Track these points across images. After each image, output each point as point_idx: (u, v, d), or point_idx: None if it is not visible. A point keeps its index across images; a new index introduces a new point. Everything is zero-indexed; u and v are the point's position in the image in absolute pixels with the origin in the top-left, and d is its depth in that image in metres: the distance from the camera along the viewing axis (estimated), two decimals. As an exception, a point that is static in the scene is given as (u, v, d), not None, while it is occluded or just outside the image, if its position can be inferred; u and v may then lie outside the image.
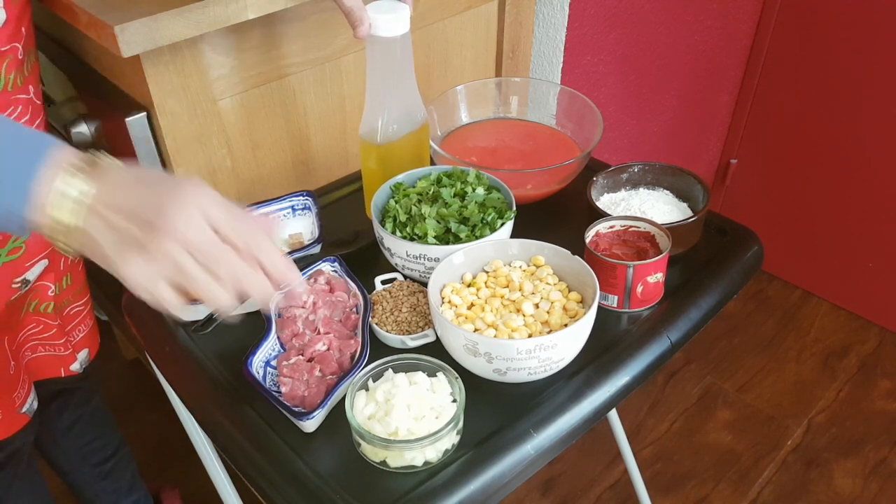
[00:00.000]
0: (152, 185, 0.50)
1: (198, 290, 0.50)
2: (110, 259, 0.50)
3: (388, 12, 0.77)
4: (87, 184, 0.49)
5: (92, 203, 0.49)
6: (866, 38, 1.64)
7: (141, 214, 0.48)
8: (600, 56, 1.46)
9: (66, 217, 0.48)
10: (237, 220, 0.51)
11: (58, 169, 0.48)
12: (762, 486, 1.55)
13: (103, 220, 0.49)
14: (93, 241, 0.50)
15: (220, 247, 0.49)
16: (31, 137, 0.49)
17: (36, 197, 0.47)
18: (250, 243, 0.51)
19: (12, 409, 0.90)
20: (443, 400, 0.66)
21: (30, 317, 0.93)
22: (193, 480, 1.49)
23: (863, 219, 1.83)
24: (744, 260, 0.87)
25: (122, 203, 0.49)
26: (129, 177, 0.50)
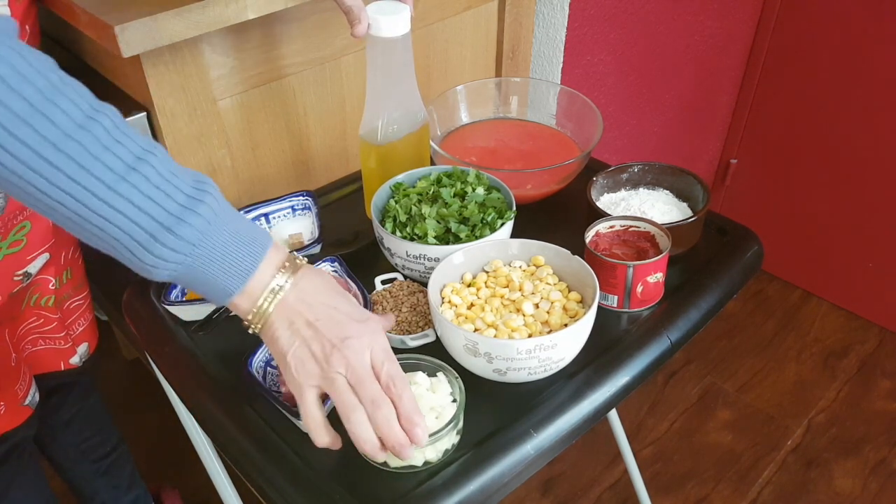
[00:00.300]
0: (342, 307, 0.59)
1: (341, 406, 0.57)
2: (282, 353, 0.58)
3: (388, 13, 0.77)
4: (288, 282, 0.57)
5: (285, 299, 0.57)
6: (866, 38, 1.64)
7: (327, 333, 0.57)
8: (600, 56, 1.46)
9: (265, 306, 0.57)
10: (392, 366, 0.59)
11: (273, 267, 0.57)
12: (762, 486, 1.55)
13: (290, 321, 0.57)
14: (274, 332, 0.58)
15: (371, 378, 0.57)
16: (259, 234, 0.57)
17: (250, 286, 0.56)
18: (394, 387, 0.58)
19: (15, 401, 0.91)
20: (443, 400, 0.66)
21: (30, 310, 0.93)
22: (193, 480, 1.50)
23: (863, 219, 1.83)
24: (744, 260, 0.87)
25: (312, 313, 0.57)
26: (322, 285, 0.59)
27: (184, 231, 0.51)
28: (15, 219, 0.81)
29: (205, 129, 0.92)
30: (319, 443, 0.59)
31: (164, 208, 0.51)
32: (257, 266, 0.55)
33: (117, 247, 0.51)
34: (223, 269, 0.54)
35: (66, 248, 0.93)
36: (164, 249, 0.51)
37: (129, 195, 0.49)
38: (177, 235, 0.51)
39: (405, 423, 0.58)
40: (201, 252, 0.52)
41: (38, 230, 0.85)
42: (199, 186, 0.53)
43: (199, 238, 0.52)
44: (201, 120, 0.91)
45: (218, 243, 0.53)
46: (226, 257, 0.54)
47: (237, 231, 0.55)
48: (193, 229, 0.51)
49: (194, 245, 0.52)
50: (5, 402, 0.89)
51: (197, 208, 0.52)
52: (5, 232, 0.81)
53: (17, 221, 0.82)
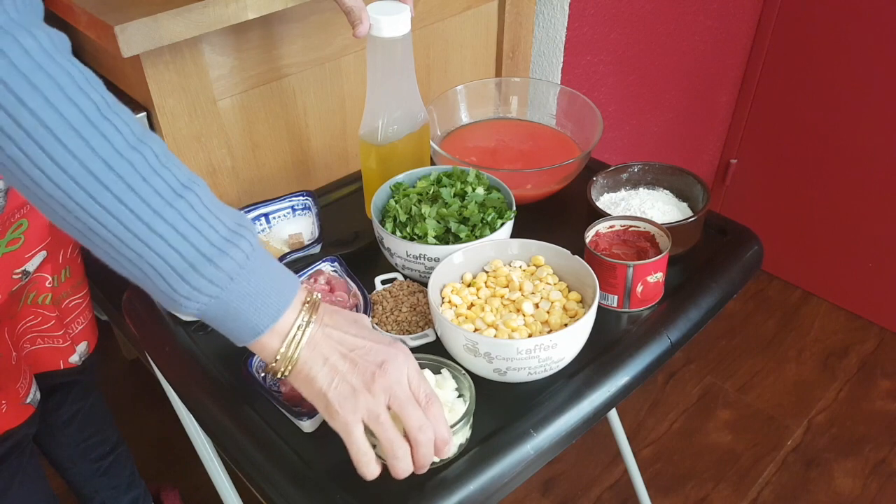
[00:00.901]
0: (368, 335, 0.59)
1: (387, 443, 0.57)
2: (322, 393, 0.57)
3: (389, 13, 0.77)
4: (312, 319, 0.57)
5: (313, 337, 0.56)
6: (866, 38, 1.64)
7: (364, 363, 0.57)
8: (600, 56, 1.46)
9: (293, 345, 0.56)
10: (428, 386, 0.59)
11: (298, 307, 0.56)
12: (762, 486, 1.55)
13: (323, 357, 0.57)
14: (308, 373, 0.57)
15: (413, 403, 0.58)
16: (290, 276, 0.57)
17: (279, 325, 0.55)
18: (431, 408, 0.58)
19: (17, 400, 0.91)
20: (449, 395, 0.66)
21: (28, 309, 0.93)
22: (193, 480, 1.49)
23: (863, 219, 1.83)
24: (744, 260, 0.87)
25: (345, 348, 0.57)
26: (342, 317, 0.59)
27: (224, 263, 0.51)
28: (13, 216, 0.81)
29: (205, 129, 0.92)
30: (370, 476, 0.59)
31: (208, 239, 0.50)
32: (288, 306, 0.55)
33: (152, 276, 0.50)
34: (255, 306, 0.54)
35: (64, 246, 0.93)
36: (201, 281, 0.51)
37: (173, 222, 0.49)
38: (217, 267, 0.51)
39: (440, 443, 0.59)
40: (236, 287, 0.52)
41: (36, 228, 0.85)
42: (240, 222, 0.53)
43: (238, 272, 0.52)
44: (201, 120, 0.91)
45: (253, 280, 0.53)
46: (259, 295, 0.54)
47: (271, 270, 0.55)
48: (234, 263, 0.51)
49: (231, 279, 0.52)
50: (7, 401, 0.89)
51: (238, 242, 0.52)
52: (3, 230, 0.81)
53: (15, 219, 0.82)
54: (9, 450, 0.95)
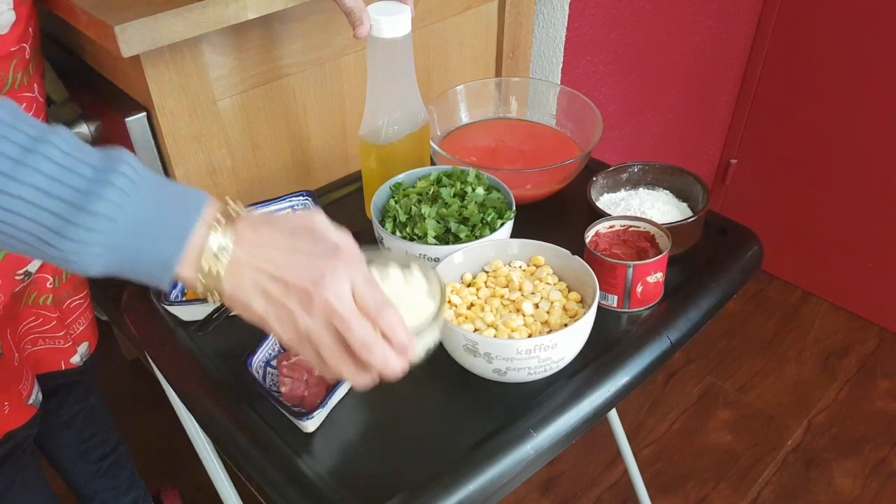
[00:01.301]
0: (303, 246, 0.52)
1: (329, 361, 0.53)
2: (262, 319, 0.53)
3: (389, 14, 0.77)
4: (228, 239, 0.50)
5: (235, 260, 0.51)
6: (866, 38, 1.64)
7: (298, 282, 0.51)
8: (600, 56, 1.46)
9: (213, 273, 0.50)
10: (377, 293, 0.54)
11: (209, 223, 0.50)
12: (762, 486, 1.55)
13: (253, 281, 0.51)
14: (241, 300, 0.52)
15: (358, 318, 0.52)
16: (191, 194, 0.51)
17: (189, 252, 0.50)
18: (384, 317, 0.53)
19: (20, 401, 0.91)
20: (418, 295, 0.63)
21: (29, 309, 0.93)
22: (193, 480, 1.49)
23: (863, 219, 1.83)
24: (744, 260, 0.87)
25: (273, 266, 0.51)
26: (272, 230, 0.53)
27: (97, 206, 0.46)
28: None
29: (205, 129, 0.92)
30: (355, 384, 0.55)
31: (72, 186, 0.46)
32: (192, 227, 0.49)
33: (35, 243, 0.47)
34: (153, 240, 0.48)
35: None
36: (79, 231, 0.46)
37: (30, 180, 0.45)
38: (89, 212, 0.46)
39: (400, 352, 0.54)
40: (122, 226, 0.47)
41: None
42: (111, 156, 0.48)
43: (117, 211, 0.47)
44: (201, 120, 0.91)
45: (141, 213, 0.48)
46: (153, 227, 0.48)
47: (162, 196, 0.49)
48: (108, 202, 0.46)
49: (113, 220, 0.47)
50: (9, 402, 0.89)
51: (110, 178, 0.46)
52: None
53: None
54: (10, 451, 0.95)
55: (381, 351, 0.53)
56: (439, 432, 0.68)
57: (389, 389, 0.70)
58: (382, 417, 0.70)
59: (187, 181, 0.93)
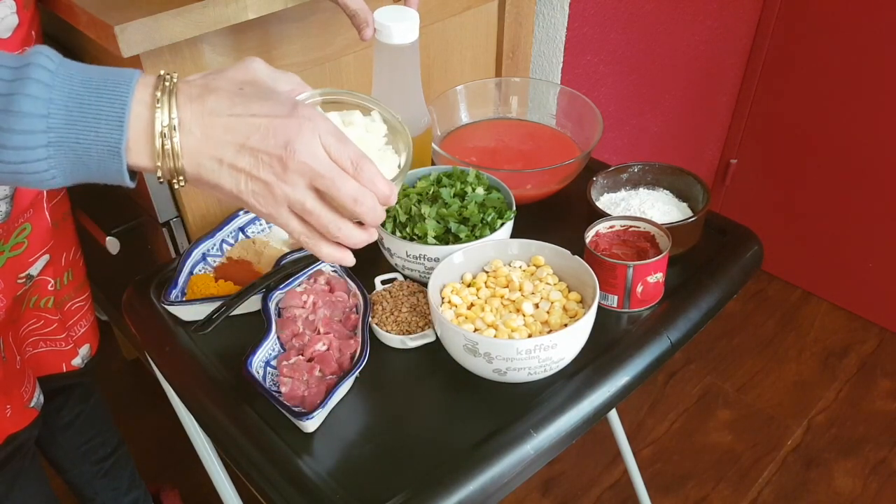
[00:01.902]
0: (259, 109, 0.49)
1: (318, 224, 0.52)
2: (235, 195, 0.50)
3: (398, 20, 0.77)
4: (173, 113, 0.47)
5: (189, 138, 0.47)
6: (866, 38, 1.64)
7: (266, 148, 0.48)
8: (600, 56, 1.46)
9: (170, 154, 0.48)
10: (349, 147, 0.52)
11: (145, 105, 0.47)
12: (762, 486, 1.55)
13: (215, 158, 0.48)
14: (208, 179, 0.49)
15: (339, 174, 0.50)
16: (115, 72, 0.47)
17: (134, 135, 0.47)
18: (362, 170, 0.52)
19: (21, 404, 0.91)
20: (379, 141, 0.61)
21: (30, 312, 0.93)
22: (193, 480, 1.49)
23: (863, 219, 1.83)
24: (744, 260, 0.87)
25: (235, 136, 0.48)
26: (218, 97, 0.49)
27: (22, 104, 0.44)
28: (17, 221, 0.81)
29: (205, 129, 0.92)
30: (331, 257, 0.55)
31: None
32: (126, 106, 0.46)
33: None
34: (91, 128, 0.45)
35: (66, 249, 0.93)
36: (14, 136, 0.44)
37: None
38: (16, 112, 0.44)
39: (383, 202, 0.54)
40: (57, 121, 0.45)
41: (39, 232, 0.85)
42: (26, 55, 0.45)
43: (44, 105, 0.44)
44: (201, 120, 0.91)
45: (70, 102, 0.45)
46: (86, 113, 0.45)
47: (89, 80, 0.46)
48: (32, 98, 0.44)
49: (44, 116, 0.44)
50: (11, 405, 0.89)
51: (29, 74, 0.44)
52: (7, 235, 0.81)
53: (19, 224, 0.82)
54: (11, 453, 0.95)
55: (370, 202, 0.52)
56: (439, 432, 0.68)
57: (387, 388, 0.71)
58: (382, 417, 0.70)
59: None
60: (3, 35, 0.72)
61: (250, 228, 0.91)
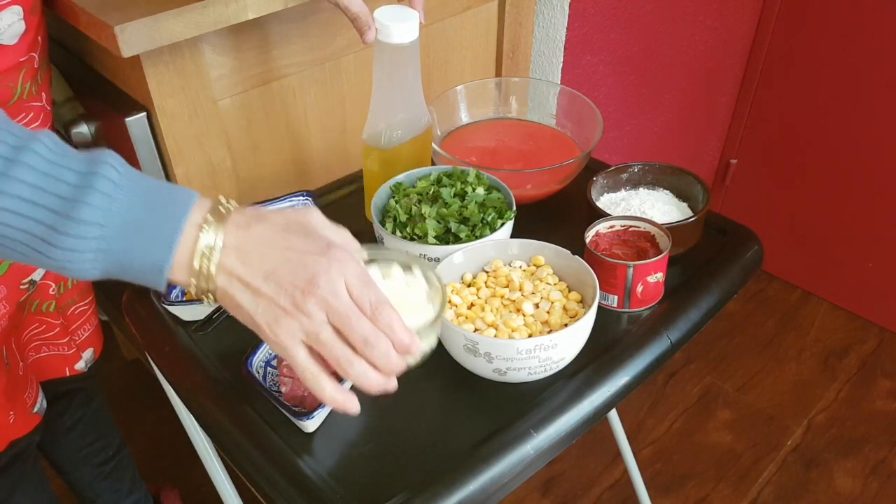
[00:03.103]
0: (296, 244, 0.51)
1: (336, 361, 0.52)
2: (251, 319, 0.52)
3: (398, 20, 0.77)
4: (218, 237, 0.50)
5: (225, 261, 0.50)
6: (866, 38, 1.64)
7: (290, 280, 0.50)
8: (600, 56, 1.46)
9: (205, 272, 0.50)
10: (373, 291, 0.52)
11: (198, 223, 0.49)
12: (762, 486, 1.55)
13: (242, 281, 0.50)
14: (232, 299, 0.51)
15: (357, 314, 0.51)
16: (178, 193, 0.50)
17: (180, 253, 0.49)
18: (381, 315, 0.52)
19: (25, 409, 0.91)
20: (419, 297, 0.62)
21: (32, 317, 0.93)
22: (193, 480, 1.49)
23: (863, 219, 1.83)
24: (744, 260, 0.87)
25: (265, 265, 0.50)
26: (264, 228, 0.51)
27: (82, 213, 0.46)
28: None
29: (205, 130, 0.92)
30: (334, 402, 0.53)
31: (56, 194, 0.45)
32: (180, 230, 0.49)
33: (28, 252, 0.47)
34: (141, 242, 0.48)
35: None
36: (68, 239, 0.46)
37: (15, 191, 0.45)
38: (75, 220, 0.46)
39: (401, 351, 0.53)
40: (110, 231, 0.47)
41: None
42: (93, 160, 0.47)
43: (103, 216, 0.46)
44: (201, 120, 0.91)
45: (128, 216, 0.47)
46: (141, 230, 0.48)
47: (149, 197, 0.48)
48: (92, 208, 0.46)
49: (101, 225, 0.46)
50: (14, 412, 0.89)
51: (93, 184, 0.46)
52: None
53: None
54: (13, 457, 0.94)
55: (384, 346, 0.52)
56: (439, 432, 0.68)
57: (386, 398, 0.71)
58: (382, 417, 0.70)
59: (187, 181, 0.93)
60: (11, 41, 0.72)
61: (250, 228, 0.91)
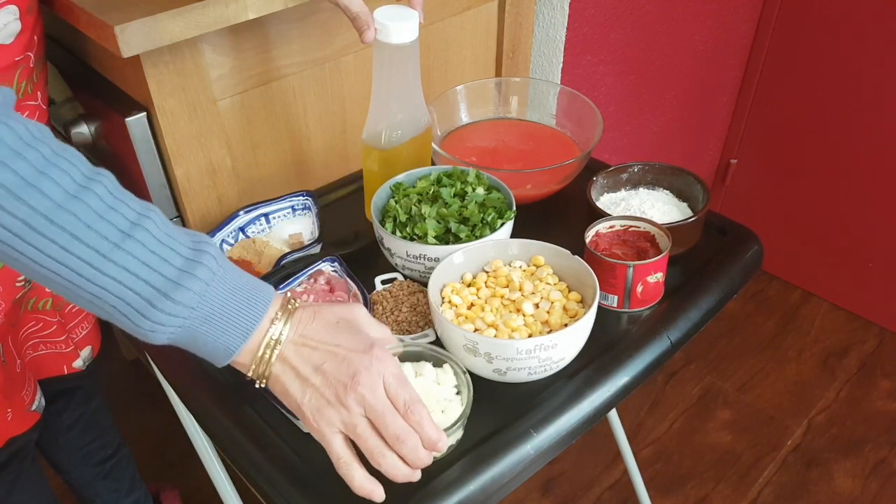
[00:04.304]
0: (344, 342, 0.57)
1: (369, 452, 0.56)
2: (297, 405, 0.57)
3: (397, 20, 0.77)
4: (284, 331, 0.56)
5: (283, 351, 0.56)
6: (866, 38, 1.64)
7: (336, 375, 0.55)
8: (600, 56, 1.46)
9: (265, 360, 0.56)
10: (407, 391, 0.57)
11: (268, 324, 0.55)
12: (762, 486, 1.55)
13: (295, 370, 0.56)
14: (283, 386, 0.57)
15: (391, 411, 0.56)
16: (259, 289, 0.56)
17: (249, 345, 0.55)
18: (413, 414, 0.57)
19: (22, 407, 0.91)
20: (448, 392, 0.66)
21: (28, 315, 0.93)
22: (193, 480, 1.49)
23: (863, 219, 1.83)
24: (744, 260, 0.87)
25: (315, 358, 0.56)
26: (321, 324, 0.57)
27: (181, 296, 0.50)
28: None
29: (205, 129, 0.92)
30: (361, 489, 0.57)
31: (161, 274, 0.50)
32: (258, 323, 0.55)
33: (114, 314, 0.51)
34: (222, 329, 0.53)
35: None
36: (161, 315, 0.50)
37: (124, 263, 0.49)
38: (174, 301, 0.50)
39: (429, 447, 0.58)
40: (199, 314, 0.52)
41: None
42: (197, 247, 0.52)
43: (198, 301, 0.51)
44: (201, 120, 0.91)
45: (217, 304, 0.52)
46: (225, 317, 0.53)
47: (237, 289, 0.54)
48: (191, 293, 0.51)
49: (193, 308, 0.51)
50: (12, 409, 0.89)
51: (195, 271, 0.51)
52: None
53: None
54: (11, 455, 0.95)
55: (413, 442, 0.56)
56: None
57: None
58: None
59: (187, 181, 0.93)
60: (6, 41, 0.72)
61: (250, 228, 0.91)
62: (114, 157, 0.97)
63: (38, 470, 1.04)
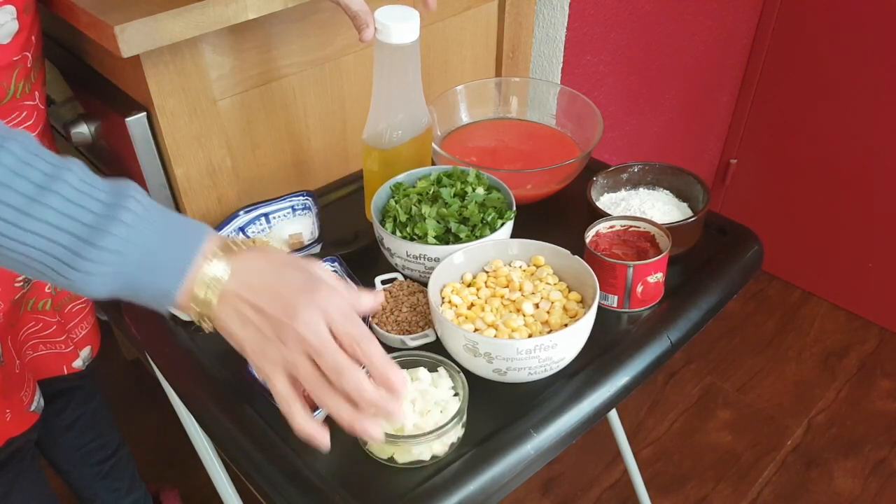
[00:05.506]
0: (289, 281, 0.55)
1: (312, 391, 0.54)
2: (240, 346, 0.55)
3: (398, 20, 0.77)
4: (223, 270, 0.54)
5: (224, 290, 0.54)
6: (866, 38, 1.64)
7: (274, 312, 0.53)
8: (600, 56, 1.46)
9: (206, 301, 0.54)
10: (353, 326, 0.55)
11: (207, 255, 0.54)
12: (762, 486, 1.55)
13: (236, 310, 0.54)
14: (226, 327, 0.55)
15: (332, 346, 0.54)
16: (191, 228, 0.54)
17: (188, 283, 0.53)
18: (360, 347, 0.54)
19: (21, 408, 0.91)
20: (445, 394, 0.67)
21: (28, 315, 0.93)
22: (193, 480, 1.49)
23: (863, 219, 1.83)
24: (744, 260, 0.87)
25: (254, 296, 0.54)
26: (265, 265, 0.56)
27: (105, 241, 0.49)
28: None
29: (205, 129, 0.92)
30: (302, 431, 0.55)
31: (82, 222, 0.49)
32: (192, 261, 0.53)
33: (45, 271, 0.50)
34: (156, 271, 0.52)
35: None
36: (88, 264, 0.49)
37: (44, 216, 0.48)
38: (98, 247, 0.49)
39: (379, 379, 0.55)
40: (129, 259, 0.51)
41: None
42: (118, 191, 0.51)
43: (123, 244, 0.50)
44: (201, 120, 0.91)
45: (146, 247, 0.51)
46: (157, 259, 0.52)
47: (167, 230, 0.53)
48: (115, 237, 0.50)
49: (120, 253, 0.50)
50: (11, 410, 0.89)
51: (118, 214, 0.50)
52: None
53: None
54: (10, 455, 0.95)
55: (354, 375, 0.53)
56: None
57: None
58: (382, 417, 0.70)
59: (187, 181, 0.93)
60: (4, 41, 0.72)
61: (250, 228, 0.91)
62: (114, 157, 0.97)
63: (37, 470, 1.04)
